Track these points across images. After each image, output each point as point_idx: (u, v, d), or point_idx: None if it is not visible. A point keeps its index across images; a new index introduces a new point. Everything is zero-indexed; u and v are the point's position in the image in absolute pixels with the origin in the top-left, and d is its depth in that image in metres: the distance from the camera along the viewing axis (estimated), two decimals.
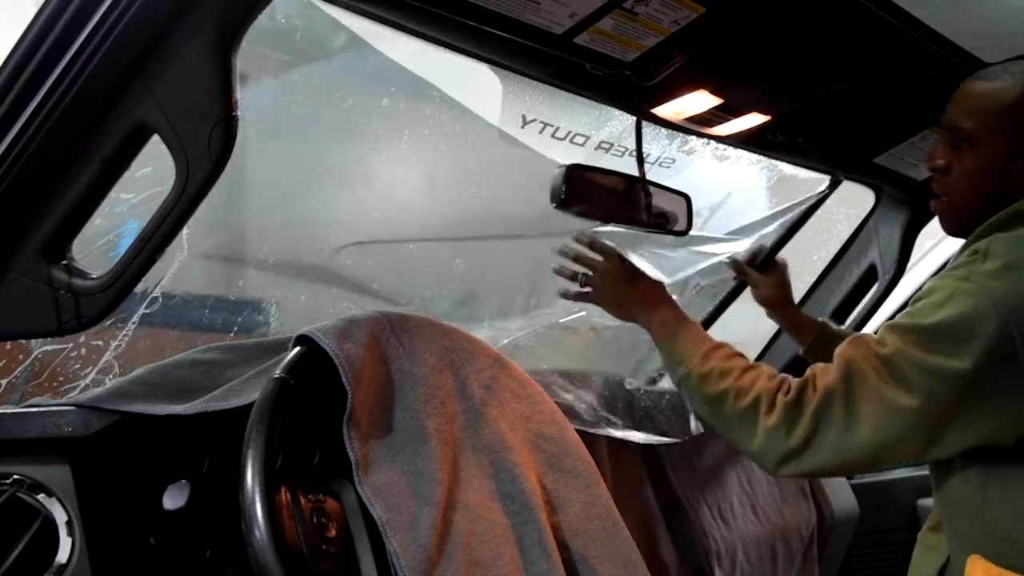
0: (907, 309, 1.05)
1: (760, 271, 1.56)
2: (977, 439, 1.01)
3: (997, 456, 1.05)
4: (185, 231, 0.96)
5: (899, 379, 0.98)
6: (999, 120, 1.09)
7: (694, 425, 1.56)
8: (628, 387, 1.56)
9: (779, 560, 1.69)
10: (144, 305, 1.17)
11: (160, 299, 1.22)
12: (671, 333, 1.19)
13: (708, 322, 1.98)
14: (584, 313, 1.52)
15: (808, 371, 1.06)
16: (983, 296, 0.98)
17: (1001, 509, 1.05)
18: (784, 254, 1.80)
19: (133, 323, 1.19)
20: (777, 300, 1.55)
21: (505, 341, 1.33)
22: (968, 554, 1.07)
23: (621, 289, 1.26)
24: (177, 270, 1.24)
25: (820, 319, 1.55)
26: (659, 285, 1.27)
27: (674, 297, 1.27)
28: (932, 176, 1.17)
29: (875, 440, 0.99)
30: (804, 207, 1.82)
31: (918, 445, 1.00)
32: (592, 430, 1.29)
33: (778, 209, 1.85)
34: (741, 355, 1.15)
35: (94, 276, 0.85)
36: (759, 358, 2.05)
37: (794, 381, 1.05)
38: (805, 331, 1.53)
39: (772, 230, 1.84)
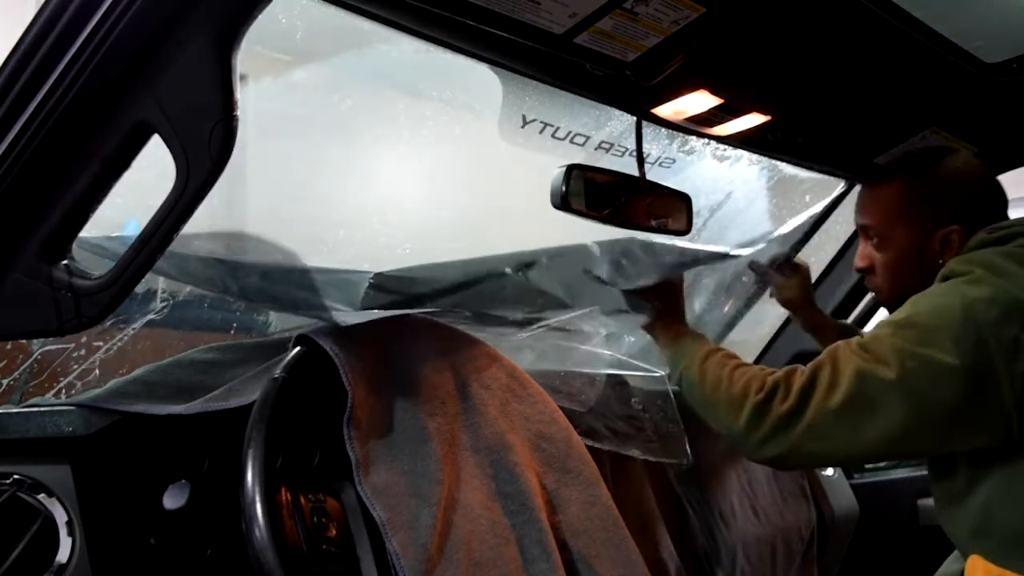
0: None
1: (781, 273, 1.60)
2: (951, 438, 1.06)
3: (989, 460, 1.07)
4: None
5: (877, 358, 1.06)
6: (894, 217, 1.25)
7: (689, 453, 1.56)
8: (632, 394, 1.54)
9: (779, 560, 1.69)
10: (155, 308, 1.16)
11: (171, 301, 1.22)
12: (677, 336, 1.32)
13: (730, 325, 1.99)
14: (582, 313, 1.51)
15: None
16: (953, 296, 1.07)
17: (999, 510, 1.05)
18: None
19: (133, 328, 1.18)
20: (800, 302, 1.60)
21: (505, 344, 1.32)
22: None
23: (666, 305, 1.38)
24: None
25: (843, 321, 1.59)
26: (677, 307, 1.41)
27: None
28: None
29: (853, 407, 1.04)
30: (820, 211, 1.83)
31: (893, 423, 1.03)
32: (592, 443, 1.29)
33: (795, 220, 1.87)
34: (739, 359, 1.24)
35: (94, 276, 0.85)
36: (759, 357, 2.05)
37: (786, 369, 1.14)
38: (827, 332, 1.56)
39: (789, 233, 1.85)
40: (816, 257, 1.97)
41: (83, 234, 0.86)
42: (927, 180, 1.24)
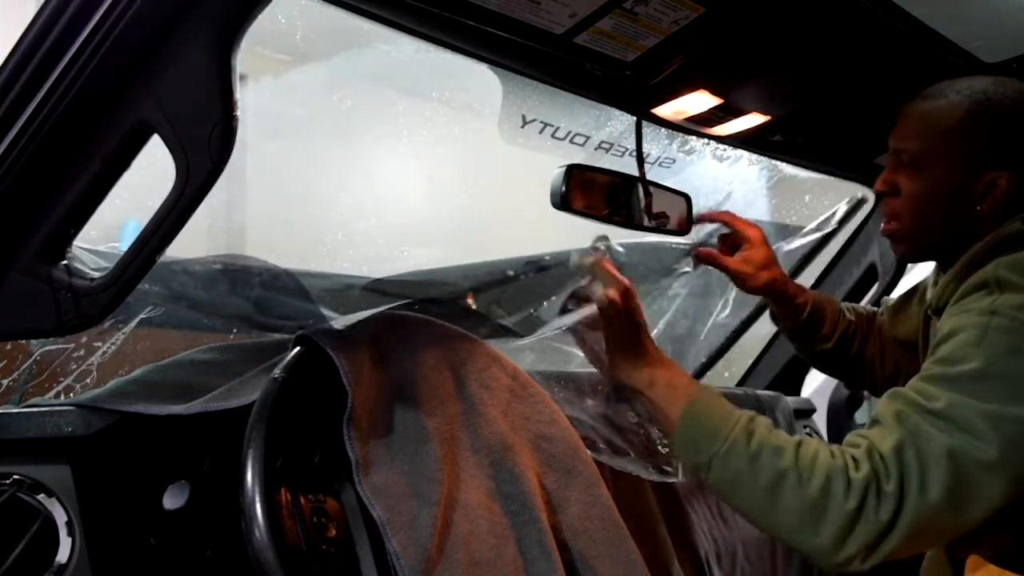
0: (937, 355, 0.95)
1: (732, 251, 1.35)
2: None
3: None
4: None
5: (966, 430, 0.86)
6: (947, 141, 1.05)
7: (681, 472, 1.50)
8: (627, 406, 1.51)
9: (779, 560, 1.69)
10: (154, 309, 1.16)
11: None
12: (690, 399, 0.99)
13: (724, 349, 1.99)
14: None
15: (855, 439, 0.92)
16: (1022, 332, 0.90)
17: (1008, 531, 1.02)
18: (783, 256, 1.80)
19: (124, 333, 1.19)
20: (768, 278, 1.33)
21: (510, 346, 1.32)
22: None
23: (620, 325, 1.06)
24: None
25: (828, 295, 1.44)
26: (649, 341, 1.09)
27: None
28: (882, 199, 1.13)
29: (951, 497, 0.86)
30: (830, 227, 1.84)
31: (993, 500, 0.87)
32: (591, 452, 1.28)
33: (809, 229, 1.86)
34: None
35: (94, 276, 0.85)
36: (758, 360, 2.05)
37: (856, 452, 0.90)
38: (809, 305, 1.37)
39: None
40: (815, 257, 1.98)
41: (80, 242, 0.87)
42: (995, 110, 1.03)
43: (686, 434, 0.98)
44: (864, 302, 1.90)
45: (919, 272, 2.07)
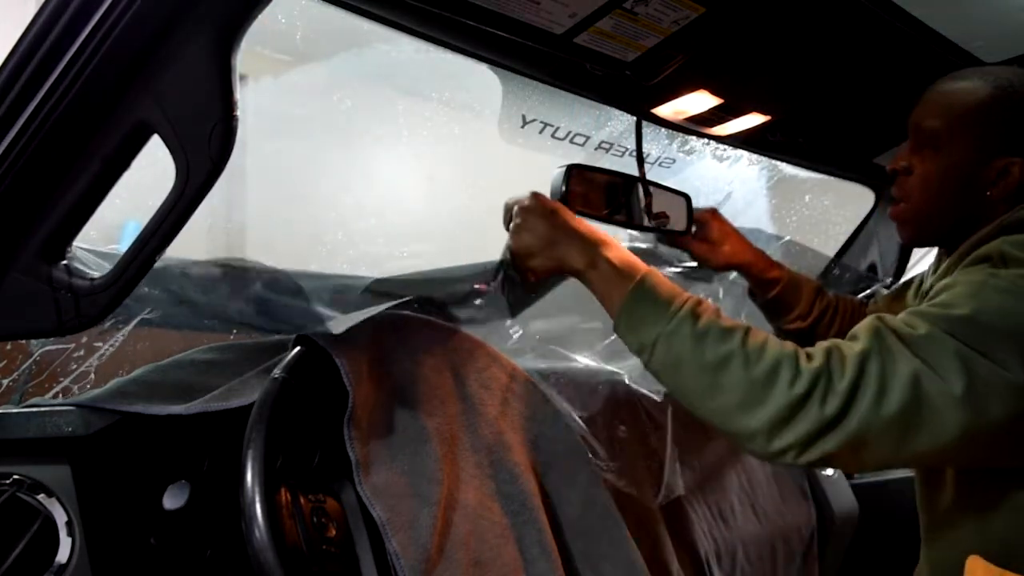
0: (933, 300, 0.94)
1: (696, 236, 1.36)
2: (1001, 455, 0.91)
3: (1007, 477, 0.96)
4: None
5: (937, 362, 0.85)
6: (965, 122, 1.05)
7: (663, 494, 1.48)
8: (621, 417, 1.49)
9: (779, 560, 1.69)
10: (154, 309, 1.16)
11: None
12: (637, 278, 0.95)
13: None
14: None
15: (820, 343, 0.90)
16: (1019, 296, 0.90)
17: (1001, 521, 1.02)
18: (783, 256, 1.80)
19: (122, 336, 1.18)
20: (736, 252, 1.35)
21: (509, 344, 1.32)
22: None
23: (548, 220, 1.02)
24: None
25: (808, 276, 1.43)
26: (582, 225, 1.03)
27: None
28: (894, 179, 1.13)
29: (904, 417, 0.84)
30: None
31: (944, 436, 0.85)
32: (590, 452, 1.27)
33: None
34: None
35: (94, 276, 0.85)
36: None
37: (811, 349, 0.89)
38: (783, 284, 1.39)
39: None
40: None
41: (80, 242, 0.87)
42: (1017, 98, 1.04)
43: (630, 314, 0.94)
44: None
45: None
